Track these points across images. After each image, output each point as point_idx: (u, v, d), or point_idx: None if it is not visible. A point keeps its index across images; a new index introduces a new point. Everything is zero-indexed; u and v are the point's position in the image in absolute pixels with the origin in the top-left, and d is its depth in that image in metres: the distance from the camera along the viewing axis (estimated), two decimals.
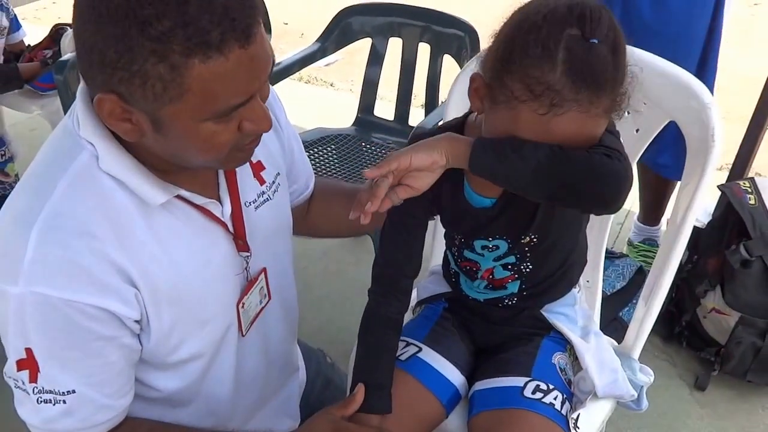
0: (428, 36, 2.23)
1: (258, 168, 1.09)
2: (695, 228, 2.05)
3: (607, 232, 1.43)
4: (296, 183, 1.26)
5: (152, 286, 0.93)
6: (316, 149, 2.32)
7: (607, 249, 2.22)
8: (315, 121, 3.07)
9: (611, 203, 0.93)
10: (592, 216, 1.40)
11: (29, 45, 2.72)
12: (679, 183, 2.04)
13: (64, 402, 0.92)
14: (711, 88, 1.94)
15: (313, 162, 2.25)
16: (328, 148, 2.34)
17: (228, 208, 1.02)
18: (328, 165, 2.26)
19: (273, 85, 2.29)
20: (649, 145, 1.32)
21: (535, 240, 1.07)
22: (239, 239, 1.04)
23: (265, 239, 1.10)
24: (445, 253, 1.22)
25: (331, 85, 4.10)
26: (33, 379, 0.90)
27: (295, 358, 1.33)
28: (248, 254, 1.06)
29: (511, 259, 1.10)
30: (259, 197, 1.09)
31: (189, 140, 0.85)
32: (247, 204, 1.06)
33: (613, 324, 2.04)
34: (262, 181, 1.09)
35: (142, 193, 0.91)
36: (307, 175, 1.29)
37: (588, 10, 0.86)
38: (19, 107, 2.62)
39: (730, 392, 1.96)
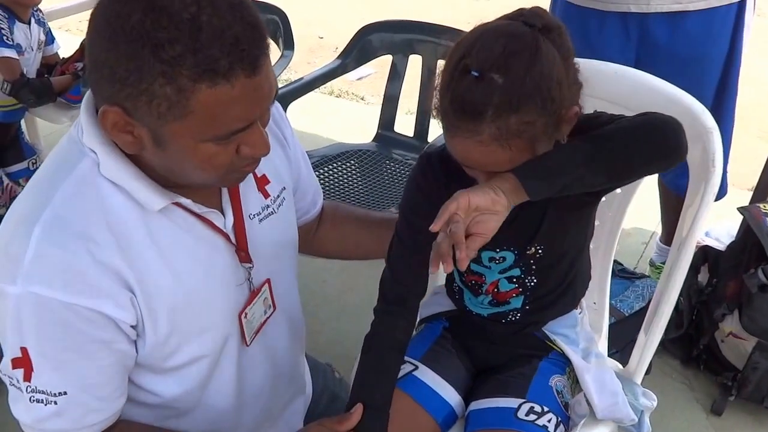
0: (446, 53, 2.23)
1: (263, 182, 1.11)
2: (715, 251, 2.03)
3: (612, 255, 1.42)
4: (303, 200, 1.27)
5: (149, 292, 0.95)
6: (336, 164, 2.34)
7: (627, 269, 2.22)
8: (343, 134, 3.11)
9: (673, 149, 0.95)
10: (597, 238, 1.40)
11: (64, 57, 2.81)
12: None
13: (56, 403, 0.93)
14: (732, 110, 1.93)
15: (333, 177, 2.29)
16: (349, 163, 2.36)
17: (230, 219, 1.04)
18: (349, 180, 2.28)
19: (295, 99, 2.35)
20: None
21: (540, 252, 1.07)
22: (241, 250, 1.06)
23: (269, 251, 1.11)
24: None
25: (362, 98, 4.13)
26: (27, 378, 0.92)
27: (302, 372, 1.33)
28: (250, 265, 1.07)
29: (516, 271, 1.10)
30: (263, 210, 1.11)
31: (187, 158, 0.88)
32: (251, 216, 1.08)
33: (631, 345, 2.01)
34: (266, 195, 1.11)
35: (141, 198, 0.93)
36: (315, 192, 1.31)
37: (495, 39, 0.89)
38: (51, 118, 2.69)
39: (747, 418, 1.92)
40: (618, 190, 1.35)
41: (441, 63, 2.54)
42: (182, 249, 0.98)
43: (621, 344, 1.70)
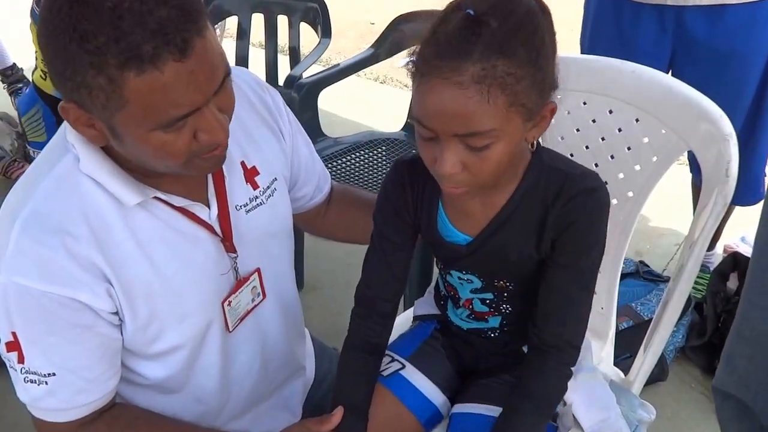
0: None
1: (252, 173, 1.12)
2: (746, 258, 1.95)
3: (621, 260, 1.37)
4: (307, 186, 1.28)
5: (126, 283, 0.98)
6: (364, 151, 2.34)
7: (653, 271, 2.16)
8: (382, 120, 3.09)
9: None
10: (608, 242, 1.34)
11: None
12: (736, 207, 1.97)
13: (47, 383, 0.98)
14: None
15: (361, 164, 2.28)
16: (377, 151, 2.35)
17: (214, 211, 1.05)
18: (376, 167, 2.28)
19: (326, 87, 2.35)
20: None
21: (511, 286, 1.05)
22: (226, 241, 1.07)
23: (257, 241, 1.12)
24: (438, 274, 1.21)
25: (406, 85, 4.12)
26: (20, 360, 0.97)
27: (299, 356, 1.34)
28: (235, 255, 1.09)
29: (489, 295, 1.08)
30: (251, 201, 1.11)
31: (142, 147, 0.88)
32: (238, 207, 1.09)
33: None
34: (255, 186, 1.12)
35: (117, 194, 0.95)
36: (320, 178, 1.31)
37: None
38: None
39: None
40: (630, 193, 1.31)
41: None
42: (161, 241, 1.00)
43: (636, 349, 1.65)
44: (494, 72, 0.81)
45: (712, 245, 2.24)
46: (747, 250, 2.04)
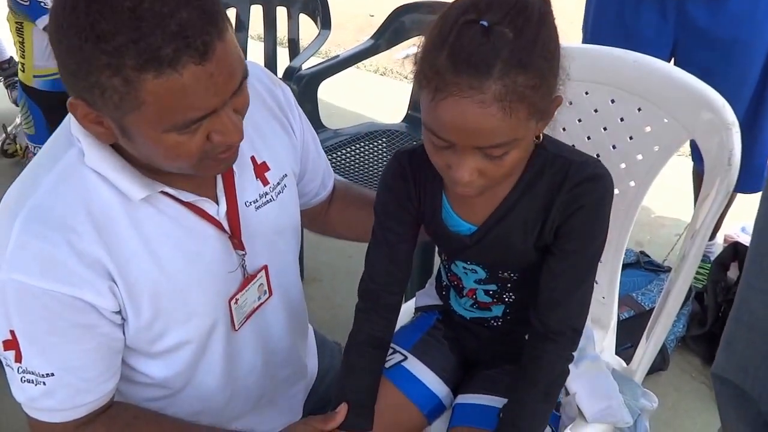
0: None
1: (262, 169, 1.11)
2: (746, 247, 1.94)
3: (623, 249, 1.37)
4: (312, 183, 1.27)
5: (130, 280, 0.96)
6: (364, 143, 2.33)
7: (653, 261, 2.16)
8: (382, 112, 3.09)
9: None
10: (610, 231, 1.34)
11: None
12: (737, 196, 1.97)
13: (44, 384, 0.96)
14: None
15: (361, 156, 2.28)
16: (377, 143, 2.35)
17: (223, 207, 1.04)
18: (376, 159, 2.27)
19: (326, 78, 2.34)
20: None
21: (514, 277, 1.05)
22: (234, 238, 1.06)
23: (266, 238, 1.11)
24: (440, 264, 1.21)
25: (405, 77, 4.10)
26: (17, 359, 0.95)
27: (302, 354, 1.33)
28: (244, 252, 1.07)
29: (493, 286, 1.08)
30: (261, 198, 1.10)
31: (153, 148, 0.87)
32: (247, 204, 1.08)
33: None
34: (265, 182, 1.11)
35: (122, 188, 0.94)
36: (324, 174, 1.30)
37: None
38: None
39: None
40: (632, 183, 1.31)
41: None
42: (167, 237, 0.99)
43: (637, 339, 1.65)
44: (515, 87, 0.80)
45: (712, 235, 2.24)
46: (747, 240, 2.03)
